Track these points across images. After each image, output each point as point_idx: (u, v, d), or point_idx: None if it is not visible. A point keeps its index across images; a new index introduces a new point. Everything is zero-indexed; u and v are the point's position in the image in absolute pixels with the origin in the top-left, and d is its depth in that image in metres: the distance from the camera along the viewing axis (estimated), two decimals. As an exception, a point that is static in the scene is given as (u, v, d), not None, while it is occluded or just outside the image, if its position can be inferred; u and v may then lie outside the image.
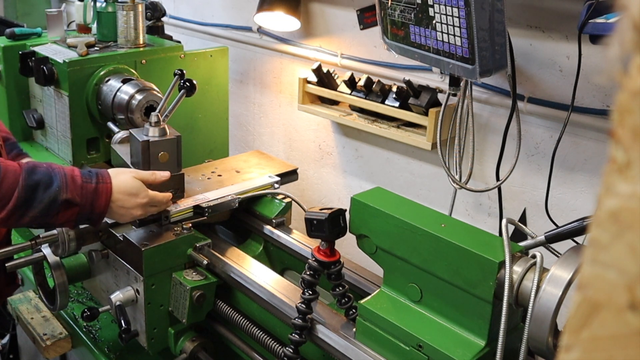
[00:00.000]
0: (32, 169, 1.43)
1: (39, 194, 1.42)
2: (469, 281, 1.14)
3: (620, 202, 0.35)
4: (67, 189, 1.44)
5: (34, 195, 1.41)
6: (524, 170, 2.02)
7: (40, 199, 1.42)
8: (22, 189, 1.40)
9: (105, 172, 1.54)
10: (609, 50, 0.34)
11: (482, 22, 1.60)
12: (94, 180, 1.50)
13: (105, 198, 1.50)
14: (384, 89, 2.24)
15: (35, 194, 1.41)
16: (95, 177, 1.51)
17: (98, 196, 1.49)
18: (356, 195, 1.33)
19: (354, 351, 1.31)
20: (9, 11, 3.79)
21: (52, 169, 1.46)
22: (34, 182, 1.42)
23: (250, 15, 2.73)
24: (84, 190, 1.47)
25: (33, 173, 1.43)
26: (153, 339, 1.69)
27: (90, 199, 1.48)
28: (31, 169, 1.43)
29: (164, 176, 1.65)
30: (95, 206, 1.49)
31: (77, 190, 1.46)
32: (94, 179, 1.50)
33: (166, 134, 1.73)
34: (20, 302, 2.18)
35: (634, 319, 0.34)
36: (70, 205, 1.45)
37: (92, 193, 1.48)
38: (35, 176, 1.42)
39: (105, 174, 1.53)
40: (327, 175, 2.74)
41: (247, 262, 1.68)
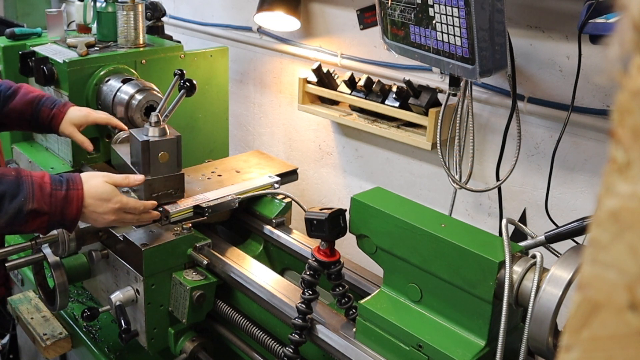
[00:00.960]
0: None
1: (5, 204, 1.40)
2: (469, 281, 1.14)
3: (620, 202, 0.35)
4: (34, 199, 1.42)
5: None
6: (524, 170, 2.02)
7: (5, 210, 1.40)
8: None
9: (77, 177, 1.52)
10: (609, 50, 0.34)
11: (482, 22, 1.60)
12: (64, 187, 1.47)
13: (77, 205, 1.48)
14: (384, 89, 2.24)
15: (1, 205, 1.40)
16: (66, 183, 1.49)
17: (68, 203, 1.47)
18: (356, 195, 1.33)
19: (354, 351, 1.31)
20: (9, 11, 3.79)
21: (20, 178, 1.44)
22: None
23: (250, 15, 2.73)
24: (53, 198, 1.45)
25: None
26: (153, 339, 1.69)
27: (60, 206, 1.46)
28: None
29: (137, 180, 1.62)
30: (66, 213, 1.47)
31: (46, 199, 1.44)
32: (64, 185, 1.48)
33: (166, 134, 1.73)
34: (20, 302, 2.18)
35: (634, 319, 0.34)
36: (38, 214, 1.43)
37: (62, 200, 1.46)
38: (1, 187, 1.41)
39: (77, 179, 1.51)
40: (327, 175, 2.74)
41: (247, 262, 1.68)
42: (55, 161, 2.16)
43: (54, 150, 2.22)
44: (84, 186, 1.50)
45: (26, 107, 1.89)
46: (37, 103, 1.90)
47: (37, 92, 1.95)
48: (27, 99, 1.90)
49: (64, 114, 1.90)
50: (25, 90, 1.93)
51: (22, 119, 1.89)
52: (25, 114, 1.89)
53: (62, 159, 2.16)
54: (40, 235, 1.69)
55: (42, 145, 2.29)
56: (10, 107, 1.88)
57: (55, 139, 2.18)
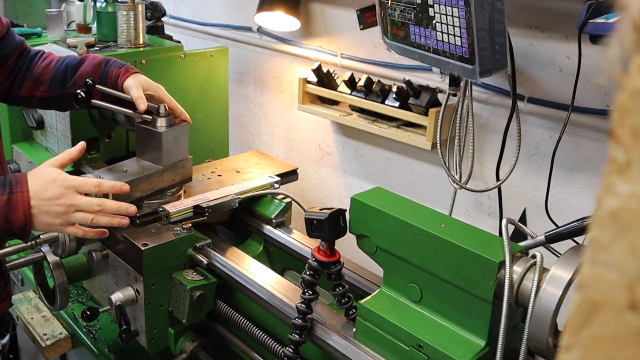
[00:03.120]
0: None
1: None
2: (469, 281, 1.14)
3: (620, 202, 0.35)
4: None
5: None
6: (524, 170, 2.03)
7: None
8: None
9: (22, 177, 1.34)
10: (609, 50, 0.34)
11: (482, 22, 1.60)
12: (7, 190, 1.29)
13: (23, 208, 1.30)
14: (384, 89, 2.24)
15: None
16: (9, 185, 1.30)
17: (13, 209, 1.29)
18: (356, 195, 1.33)
19: (354, 351, 1.31)
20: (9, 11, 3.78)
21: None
22: None
23: (250, 15, 2.73)
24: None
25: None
26: (153, 339, 1.69)
27: (4, 213, 1.28)
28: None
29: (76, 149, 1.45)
30: (13, 220, 1.29)
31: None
32: (6, 188, 1.30)
33: (174, 123, 1.79)
34: (20, 302, 2.18)
35: (634, 319, 0.34)
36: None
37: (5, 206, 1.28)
38: None
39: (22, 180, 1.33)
40: (327, 175, 2.74)
41: (247, 262, 1.68)
42: (55, 161, 2.16)
43: (54, 150, 2.22)
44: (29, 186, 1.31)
45: (95, 69, 1.77)
46: (105, 64, 1.78)
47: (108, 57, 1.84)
48: (95, 62, 1.78)
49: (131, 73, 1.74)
50: (93, 56, 1.82)
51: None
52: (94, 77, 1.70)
53: (62, 159, 2.16)
54: (40, 235, 1.69)
55: (42, 145, 2.29)
56: (79, 75, 1.75)
57: (55, 138, 2.18)
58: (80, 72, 1.76)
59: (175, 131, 1.80)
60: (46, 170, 1.37)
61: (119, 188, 1.48)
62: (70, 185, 1.36)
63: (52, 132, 2.20)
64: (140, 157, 1.82)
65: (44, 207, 1.33)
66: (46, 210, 1.33)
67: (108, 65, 1.77)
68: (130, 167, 1.77)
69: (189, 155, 1.86)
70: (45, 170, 1.37)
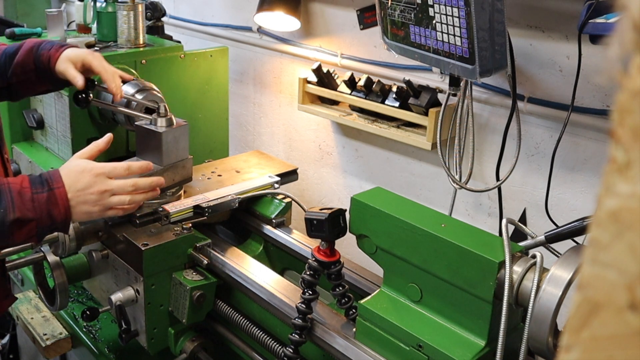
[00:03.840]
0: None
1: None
2: (469, 281, 1.14)
3: (620, 202, 0.35)
4: (14, 207, 1.29)
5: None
6: (524, 170, 2.03)
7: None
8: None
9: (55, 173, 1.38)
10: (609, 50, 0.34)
11: (482, 22, 1.60)
12: (46, 188, 1.34)
13: (63, 204, 1.34)
14: (384, 89, 2.24)
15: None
16: (47, 183, 1.34)
17: (54, 205, 1.33)
18: (356, 195, 1.33)
19: (354, 351, 1.31)
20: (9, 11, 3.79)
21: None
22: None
23: (250, 15, 2.73)
24: (36, 203, 1.31)
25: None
26: (153, 339, 1.69)
27: (46, 209, 1.32)
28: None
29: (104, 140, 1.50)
30: (54, 215, 1.33)
31: (28, 205, 1.30)
32: (45, 186, 1.34)
33: (173, 123, 1.79)
34: (20, 302, 2.18)
35: (634, 319, 0.34)
36: (23, 222, 1.30)
37: (47, 203, 1.32)
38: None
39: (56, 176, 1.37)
40: (327, 175, 2.74)
41: (247, 262, 1.69)
42: (56, 161, 2.16)
43: (54, 150, 2.22)
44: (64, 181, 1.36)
45: (28, 55, 1.70)
46: (37, 48, 1.70)
47: (40, 40, 1.75)
48: (28, 47, 1.71)
49: (61, 53, 1.68)
50: (29, 41, 1.74)
51: (28, 70, 1.70)
52: (28, 64, 1.69)
53: (62, 159, 2.16)
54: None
55: (42, 145, 2.29)
56: (15, 64, 1.69)
57: (55, 138, 2.18)
58: (16, 62, 1.70)
59: (175, 131, 1.80)
60: (75, 162, 1.41)
61: (146, 167, 1.53)
62: (101, 172, 1.40)
63: (52, 132, 2.20)
64: (140, 157, 1.82)
65: (80, 197, 1.37)
66: (83, 200, 1.37)
67: (39, 50, 1.70)
68: None
69: (189, 155, 1.87)
70: (74, 162, 1.42)
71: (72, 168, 1.40)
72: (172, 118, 1.80)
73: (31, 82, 1.74)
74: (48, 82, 1.76)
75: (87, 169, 1.40)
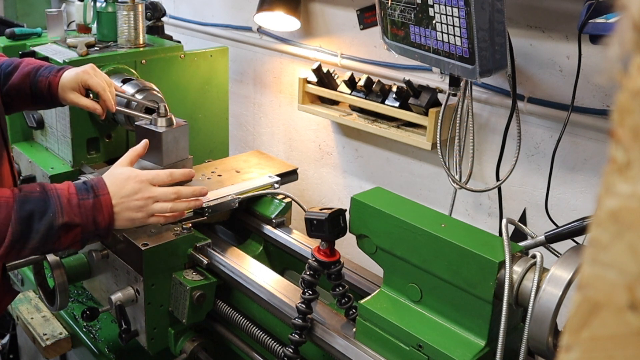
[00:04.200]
0: (24, 199, 1.32)
1: (35, 224, 1.31)
2: (469, 281, 1.14)
3: (620, 202, 0.35)
4: (63, 212, 1.32)
5: (29, 227, 1.30)
6: (524, 170, 2.03)
7: (36, 229, 1.30)
8: (16, 223, 1.29)
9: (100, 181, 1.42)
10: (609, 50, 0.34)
11: (482, 22, 1.60)
12: (91, 195, 1.37)
13: (107, 210, 1.38)
14: (384, 89, 2.24)
15: (31, 225, 1.30)
16: (92, 190, 1.38)
17: (98, 211, 1.37)
18: (356, 195, 1.33)
19: (354, 351, 1.31)
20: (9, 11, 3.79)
21: (45, 193, 1.34)
22: (27, 213, 1.30)
23: (250, 15, 2.73)
24: (83, 209, 1.35)
25: (25, 202, 1.31)
26: (153, 339, 1.69)
27: (92, 215, 1.36)
28: (23, 198, 1.32)
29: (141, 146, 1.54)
30: (99, 222, 1.37)
31: (75, 210, 1.34)
32: (90, 193, 1.37)
33: (173, 123, 1.80)
34: (20, 302, 2.18)
35: (634, 319, 0.34)
36: (70, 227, 1.33)
37: (92, 209, 1.36)
38: (28, 206, 1.31)
39: (101, 184, 1.40)
40: (327, 175, 2.74)
41: (247, 262, 1.68)
42: (55, 161, 2.16)
43: (54, 150, 2.22)
44: (109, 189, 1.40)
45: (24, 80, 1.72)
46: (35, 74, 1.73)
47: (37, 63, 1.77)
48: (25, 71, 1.73)
49: (59, 78, 1.71)
50: (25, 63, 1.76)
51: (23, 94, 1.73)
52: (24, 89, 1.72)
53: (62, 159, 2.16)
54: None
55: (42, 145, 2.29)
56: (10, 85, 1.71)
57: (55, 138, 2.18)
58: (11, 83, 1.73)
59: (175, 131, 1.80)
60: (119, 170, 1.45)
61: (188, 174, 1.56)
62: (144, 179, 1.43)
63: (52, 132, 2.20)
64: (141, 157, 1.82)
65: (124, 204, 1.40)
66: (127, 207, 1.40)
67: (38, 75, 1.73)
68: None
69: (189, 156, 1.86)
70: (118, 170, 1.45)
71: (116, 176, 1.43)
72: (172, 118, 1.80)
73: (25, 104, 1.79)
74: (43, 105, 1.81)
75: (131, 176, 1.42)
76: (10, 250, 1.30)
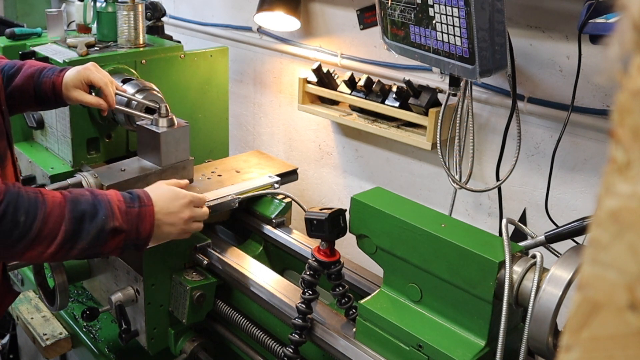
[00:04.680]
0: (75, 200, 1.35)
1: (86, 225, 1.33)
2: (469, 281, 1.14)
3: (620, 202, 0.35)
4: (114, 216, 1.36)
5: (81, 227, 1.33)
6: (524, 170, 2.03)
7: (87, 230, 1.33)
8: (69, 222, 1.31)
9: (144, 193, 1.47)
10: (609, 50, 0.34)
11: (482, 22, 1.60)
12: (137, 204, 1.42)
13: (150, 221, 1.43)
14: (384, 89, 2.24)
15: (82, 225, 1.33)
16: (138, 200, 1.43)
17: (142, 220, 1.41)
18: (356, 195, 1.33)
19: (354, 351, 1.31)
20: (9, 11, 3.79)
21: (95, 197, 1.38)
22: (79, 214, 1.33)
23: (250, 15, 2.73)
24: (129, 216, 1.39)
25: (77, 203, 1.34)
26: (153, 339, 1.69)
27: (136, 223, 1.40)
28: (74, 199, 1.35)
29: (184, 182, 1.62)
30: (141, 231, 1.41)
31: (123, 217, 1.38)
32: (136, 202, 1.42)
33: (175, 124, 1.80)
34: (20, 302, 2.18)
35: (634, 319, 0.34)
36: (117, 232, 1.37)
37: (137, 217, 1.40)
38: (80, 206, 1.34)
39: (146, 196, 1.46)
40: (327, 175, 2.74)
41: (247, 262, 1.68)
42: (55, 161, 2.16)
43: (54, 150, 2.22)
44: (154, 202, 1.45)
45: (28, 82, 1.74)
46: (38, 75, 1.74)
47: (40, 65, 1.80)
48: (28, 73, 1.75)
49: (62, 78, 1.74)
50: (29, 65, 1.78)
51: (26, 96, 1.75)
52: (28, 91, 1.74)
53: (62, 159, 2.16)
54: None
55: (42, 145, 2.29)
56: (13, 86, 1.72)
57: (55, 138, 2.18)
58: (14, 84, 1.74)
59: (175, 132, 1.80)
60: (166, 188, 1.53)
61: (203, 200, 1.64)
62: (190, 201, 1.53)
63: (52, 132, 2.20)
64: (141, 157, 1.83)
65: (167, 219, 1.47)
66: (169, 222, 1.48)
67: (41, 76, 1.75)
68: (129, 167, 1.77)
69: (190, 157, 1.86)
70: (165, 187, 1.53)
71: (164, 193, 1.50)
72: (174, 119, 1.80)
73: (28, 105, 1.81)
74: (47, 106, 1.83)
75: (179, 197, 1.51)
76: (60, 249, 1.32)
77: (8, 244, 1.27)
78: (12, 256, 1.32)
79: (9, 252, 1.30)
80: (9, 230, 1.25)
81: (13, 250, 1.29)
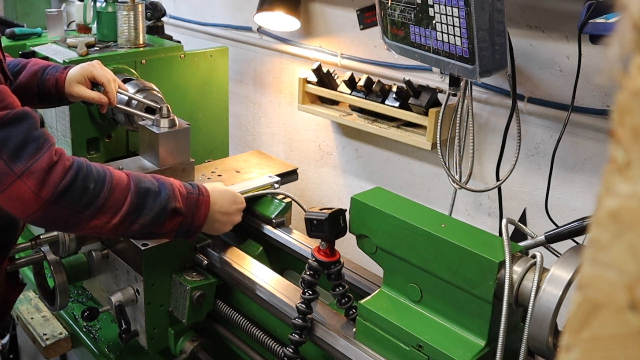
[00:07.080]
0: (139, 177, 1.41)
1: (150, 200, 1.38)
2: (469, 281, 1.14)
3: (620, 202, 0.35)
4: (175, 198, 1.42)
5: (145, 202, 1.38)
6: (524, 170, 2.03)
7: (150, 206, 1.38)
8: (134, 195, 1.37)
9: (202, 185, 1.53)
10: (609, 50, 0.34)
11: (482, 22, 1.60)
12: (196, 192, 1.48)
13: (205, 210, 1.49)
14: (384, 89, 2.24)
15: (147, 200, 1.38)
16: (197, 188, 1.50)
17: (199, 207, 1.47)
18: (356, 195, 1.33)
19: (354, 351, 1.31)
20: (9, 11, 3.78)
21: (157, 179, 1.44)
22: (144, 189, 1.38)
23: (250, 15, 2.73)
24: (189, 201, 1.45)
25: (141, 181, 1.40)
26: (153, 339, 1.69)
27: (193, 209, 1.46)
28: (138, 177, 1.41)
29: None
30: (196, 217, 1.47)
31: (184, 200, 1.44)
32: (195, 190, 1.49)
33: (176, 124, 1.80)
34: (20, 302, 2.17)
35: (634, 319, 0.34)
36: (176, 214, 1.42)
37: (195, 204, 1.46)
38: (144, 183, 1.40)
39: (204, 188, 1.52)
40: (327, 175, 2.74)
41: (247, 262, 1.68)
42: (55, 161, 2.15)
43: (54, 150, 2.21)
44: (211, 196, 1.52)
45: (31, 79, 1.76)
46: (42, 73, 1.76)
47: (44, 63, 1.82)
48: (32, 70, 1.77)
49: (66, 75, 1.76)
50: (33, 62, 1.81)
51: (29, 93, 1.75)
52: (31, 88, 1.75)
53: (62, 159, 2.16)
54: (40, 235, 1.68)
55: (42, 145, 2.29)
56: (17, 84, 1.73)
57: (55, 138, 2.18)
58: (18, 82, 1.75)
59: (175, 133, 1.79)
60: (225, 189, 1.61)
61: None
62: (241, 207, 1.62)
63: (52, 132, 2.20)
64: (142, 157, 1.83)
65: (218, 216, 1.54)
66: (218, 219, 1.55)
67: (45, 73, 1.76)
68: (128, 166, 1.77)
69: (190, 159, 1.85)
70: (224, 188, 1.61)
71: (222, 192, 1.58)
72: (175, 119, 1.80)
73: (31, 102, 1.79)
74: (48, 102, 1.84)
75: (237, 201, 1.61)
76: (123, 221, 1.36)
77: (77, 210, 1.30)
78: (78, 223, 1.32)
79: (77, 218, 1.31)
80: (79, 196, 1.29)
81: (80, 217, 1.31)
